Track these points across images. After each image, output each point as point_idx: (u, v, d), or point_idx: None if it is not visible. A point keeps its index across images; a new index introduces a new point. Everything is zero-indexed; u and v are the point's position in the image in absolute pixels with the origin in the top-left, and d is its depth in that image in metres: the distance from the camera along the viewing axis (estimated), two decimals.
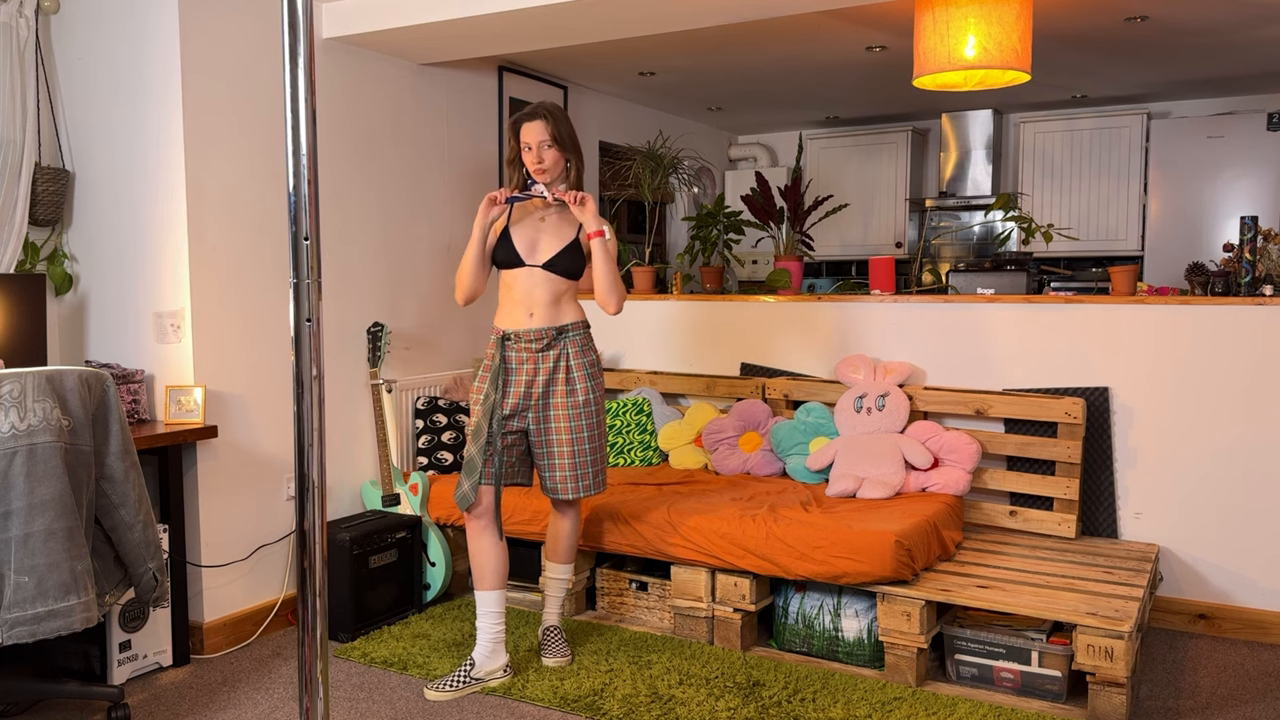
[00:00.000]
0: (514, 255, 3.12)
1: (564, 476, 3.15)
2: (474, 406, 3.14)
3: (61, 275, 3.53)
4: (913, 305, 4.08)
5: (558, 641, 3.32)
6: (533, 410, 3.13)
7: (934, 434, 3.82)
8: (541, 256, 3.12)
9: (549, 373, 3.11)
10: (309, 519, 1.96)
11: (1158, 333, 3.65)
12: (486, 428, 3.08)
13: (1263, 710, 2.97)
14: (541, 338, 3.10)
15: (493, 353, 3.14)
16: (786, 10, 3.48)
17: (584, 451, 3.15)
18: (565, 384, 3.12)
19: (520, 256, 3.12)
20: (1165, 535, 3.68)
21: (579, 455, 3.14)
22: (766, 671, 3.21)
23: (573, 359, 3.13)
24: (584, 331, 3.19)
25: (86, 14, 3.49)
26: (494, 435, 3.08)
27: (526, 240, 3.13)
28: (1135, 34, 4.42)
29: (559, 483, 3.16)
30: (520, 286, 3.13)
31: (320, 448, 1.96)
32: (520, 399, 3.12)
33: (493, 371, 3.12)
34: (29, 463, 2.39)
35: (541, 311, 3.11)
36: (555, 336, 3.12)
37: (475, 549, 3.14)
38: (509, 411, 3.11)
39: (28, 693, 2.83)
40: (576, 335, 3.15)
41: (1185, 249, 5.76)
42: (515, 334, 3.12)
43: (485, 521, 3.12)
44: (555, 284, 3.12)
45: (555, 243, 3.13)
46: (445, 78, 4.48)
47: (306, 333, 1.92)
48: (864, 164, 6.66)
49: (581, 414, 3.13)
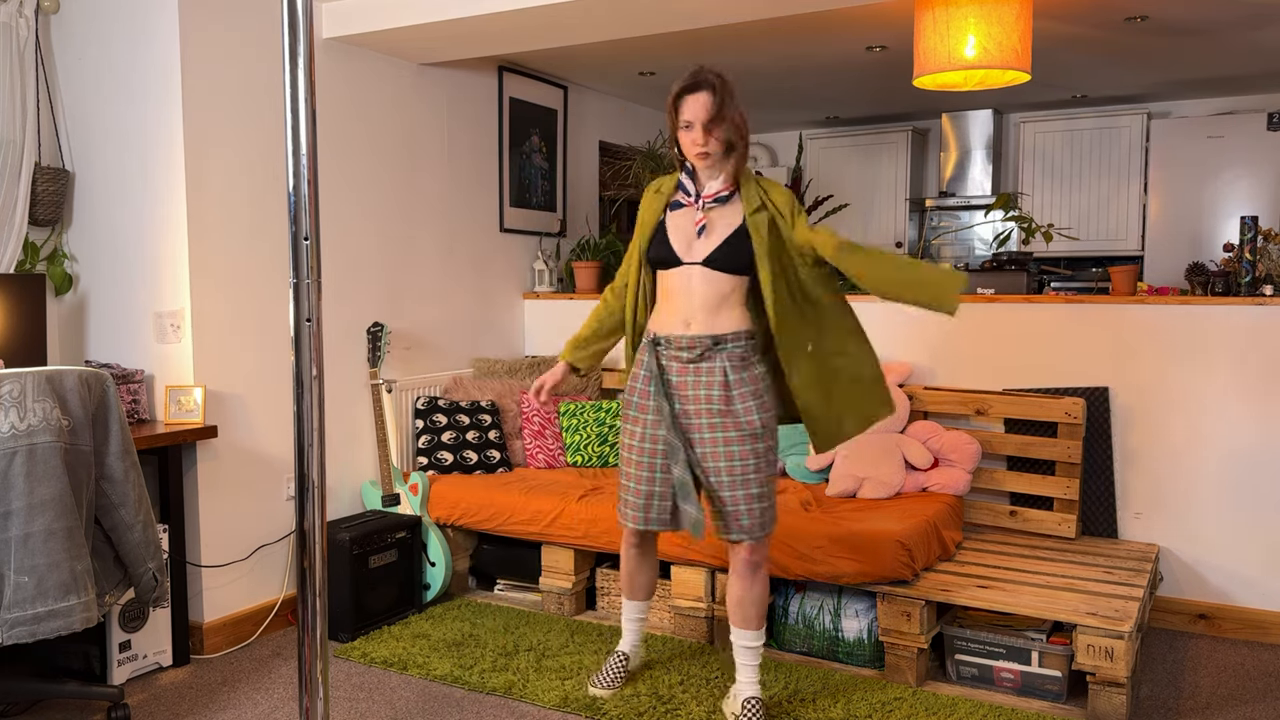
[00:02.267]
0: (670, 253, 2.71)
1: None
2: (627, 425, 2.80)
3: (61, 275, 3.53)
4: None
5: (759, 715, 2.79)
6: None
7: (934, 434, 3.82)
8: (701, 252, 2.68)
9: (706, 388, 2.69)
10: (309, 519, 1.97)
11: (1158, 333, 3.65)
12: (677, 441, 2.68)
13: (1263, 710, 2.97)
14: (695, 346, 2.68)
15: (645, 359, 2.76)
16: (786, 10, 3.48)
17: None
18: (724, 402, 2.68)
19: (678, 254, 2.71)
20: (1165, 535, 3.68)
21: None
22: (766, 671, 3.21)
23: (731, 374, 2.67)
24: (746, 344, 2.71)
25: (86, 14, 3.49)
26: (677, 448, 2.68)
27: (683, 234, 2.71)
28: (1135, 34, 4.42)
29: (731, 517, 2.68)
30: (675, 291, 2.71)
31: (320, 448, 1.97)
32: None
33: (654, 381, 2.73)
34: (29, 463, 2.39)
35: (701, 318, 2.67)
36: (712, 346, 2.68)
37: (633, 567, 2.99)
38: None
39: (28, 693, 2.83)
40: (738, 347, 2.69)
41: (1185, 249, 5.76)
42: (667, 339, 2.72)
43: (650, 546, 2.98)
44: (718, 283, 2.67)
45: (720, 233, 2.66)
46: (445, 78, 4.48)
47: (306, 333, 1.93)
48: (864, 164, 6.66)
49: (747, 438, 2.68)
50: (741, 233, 2.65)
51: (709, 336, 2.66)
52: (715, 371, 2.67)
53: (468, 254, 4.64)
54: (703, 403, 2.68)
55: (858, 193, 6.66)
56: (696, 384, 2.68)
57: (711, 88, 2.58)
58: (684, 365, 2.69)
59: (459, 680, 3.16)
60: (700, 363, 2.67)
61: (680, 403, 2.71)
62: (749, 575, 2.74)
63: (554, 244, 5.23)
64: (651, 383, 2.74)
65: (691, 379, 2.69)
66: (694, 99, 2.59)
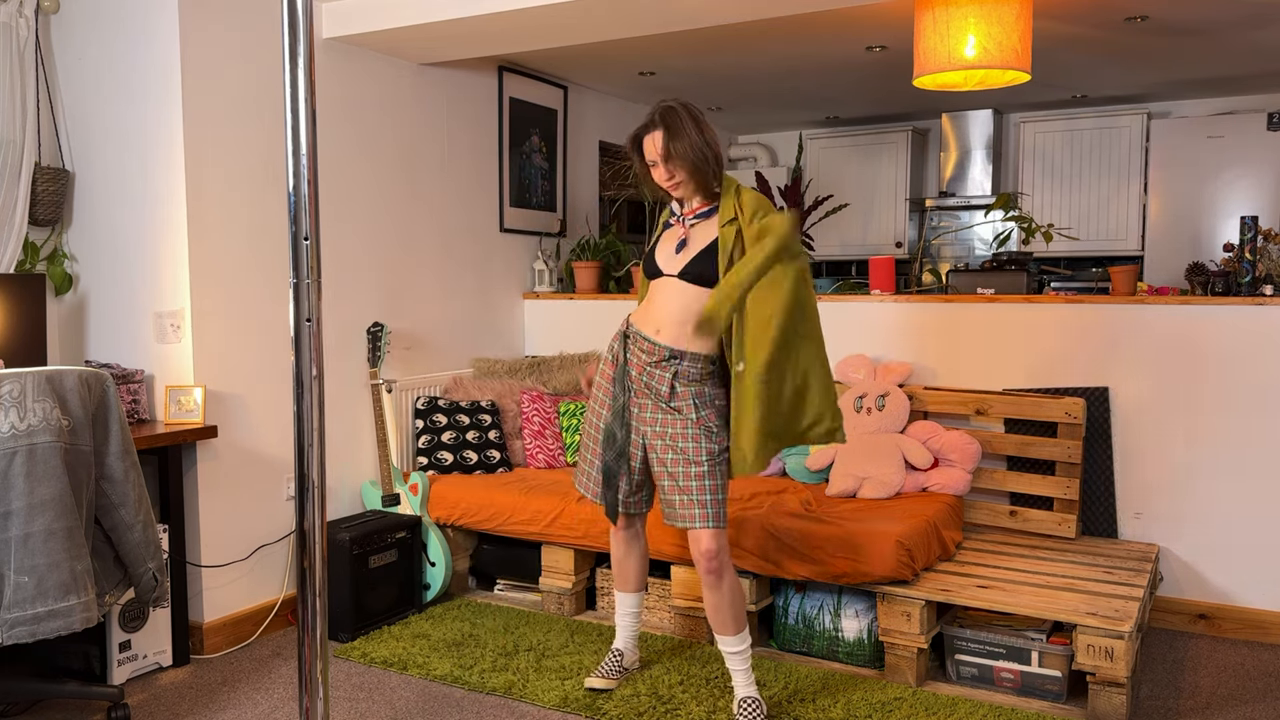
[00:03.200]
0: (654, 265, 2.84)
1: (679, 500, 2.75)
2: (594, 405, 2.94)
3: (61, 275, 3.53)
4: (913, 305, 4.08)
5: (756, 715, 2.81)
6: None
7: (934, 434, 3.82)
8: (677, 265, 2.78)
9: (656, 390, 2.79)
10: (309, 519, 1.97)
11: (1158, 333, 3.65)
12: (617, 431, 2.84)
13: (1263, 710, 2.97)
14: (655, 353, 2.78)
15: (615, 346, 2.90)
16: (786, 10, 3.48)
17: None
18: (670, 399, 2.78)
19: (659, 266, 2.82)
20: (1165, 535, 3.68)
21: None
22: (766, 671, 3.21)
23: (679, 385, 2.76)
24: (702, 366, 2.78)
25: (86, 14, 3.49)
26: (615, 437, 2.84)
27: (668, 249, 2.83)
28: (1135, 34, 4.42)
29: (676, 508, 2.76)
30: (656, 297, 2.82)
31: (320, 448, 1.97)
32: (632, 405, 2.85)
33: (618, 368, 2.86)
34: (29, 463, 2.39)
35: (669, 329, 2.77)
36: (668, 358, 2.77)
37: (622, 553, 3.08)
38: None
39: (28, 693, 2.83)
40: (694, 367, 2.77)
41: (1185, 249, 5.76)
42: (638, 334, 2.83)
43: (632, 533, 3.07)
44: (689, 295, 2.75)
45: (695, 247, 2.76)
46: (445, 78, 4.48)
47: (306, 333, 1.93)
48: (864, 164, 6.66)
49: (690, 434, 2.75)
50: (713, 247, 2.73)
51: (669, 349, 2.77)
52: (665, 381, 2.78)
53: (468, 254, 4.64)
54: (653, 397, 2.81)
55: (858, 193, 6.66)
56: (650, 383, 2.81)
57: (664, 126, 2.69)
58: (642, 364, 2.82)
59: (459, 680, 3.16)
60: (654, 369, 2.79)
61: (636, 395, 2.85)
62: (714, 583, 2.76)
63: (554, 244, 5.23)
64: (616, 369, 2.88)
65: (646, 378, 2.82)
66: (650, 139, 2.74)
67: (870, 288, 4.34)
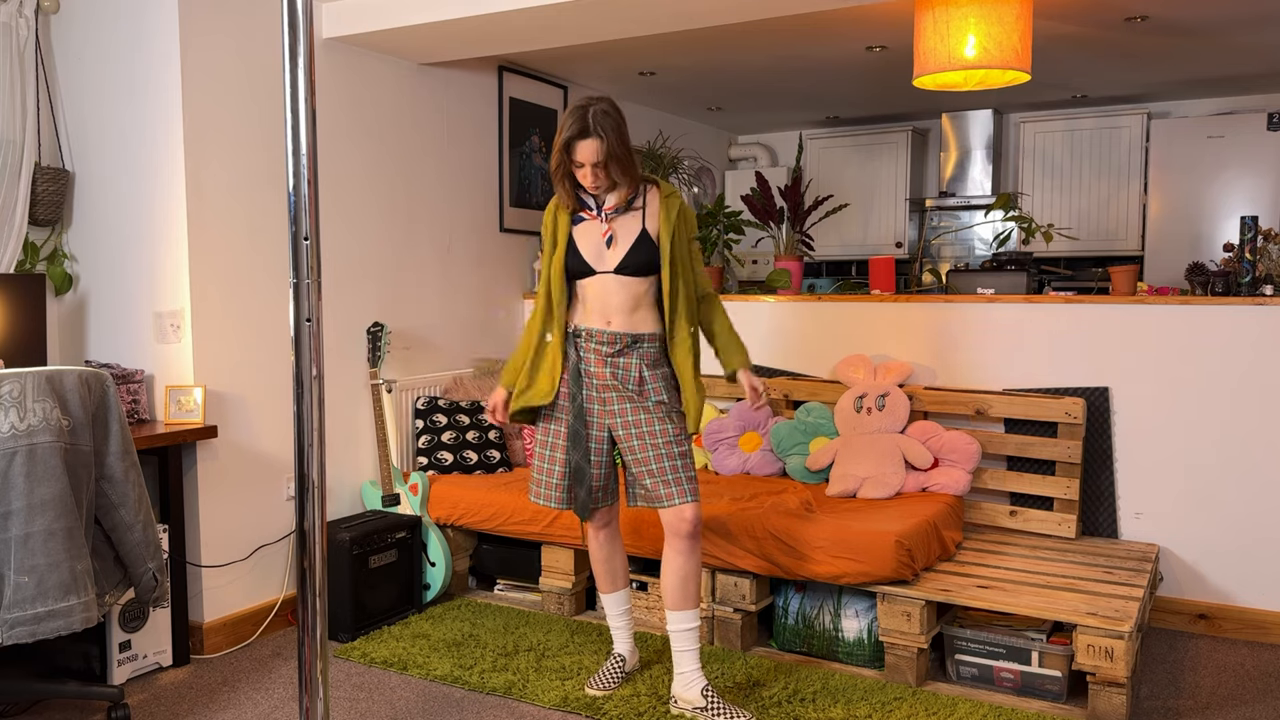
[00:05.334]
0: (583, 263, 2.87)
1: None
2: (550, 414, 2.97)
3: (61, 275, 3.53)
4: (913, 305, 4.08)
5: (716, 704, 2.87)
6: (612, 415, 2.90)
7: (934, 434, 3.82)
8: (611, 261, 2.85)
9: (624, 378, 2.87)
10: (309, 519, 1.97)
11: (1158, 333, 3.65)
12: (580, 429, 2.90)
13: (1263, 710, 2.97)
14: (615, 342, 2.85)
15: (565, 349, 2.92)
16: (786, 10, 3.48)
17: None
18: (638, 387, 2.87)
19: (589, 264, 2.86)
20: (1165, 535, 3.68)
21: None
22: (766, 672, 3.21)
23: (645, 370, 2.86)
24: (659, 345, 2.90)
25: (86, 14, 3.49)
26: (580, 435, 2.91)
27: (593, 245, 2.87)
28: (1135, 34, 4.42)
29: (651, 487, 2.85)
30: (591, 294, 2.88)
31: (320, 448, 1.96)
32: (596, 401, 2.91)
33: (570, 371, 2.90)
34: (29, 463, 2.38)
35: (620, 318, 2.86)
36: (630, 344, 2.86)
37: (604, 554, 3.10)
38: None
39: (28, 693, 2.83)
40: (652, 348, 2.89)
41: (1185, 249, 5.76)
42: (588, 332, 2.87)
43: (610, 530, 3.09)
44: (630, 285, 2.85)
45: (624, 241, 2.85)
46: (445, 78, 4.48)
47: (306, 333, 1.92)
48: (864, 164, 6.66)
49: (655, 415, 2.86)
50: (644, 238, 2.85)
51: (629, 334, 2.86)
52: (631, 368, 2.87)
53: (467, 254, 4.64)
54: (620, 388, 2.86)
55: (857, 193, 6.66)
56: (614, 374, 2.87)
57: (599, 135, 2.73)
58: (602, 358, 2.87)
59: (459, 680, 3.16)
60: (618, 358, 2.86)
61: (599, 390, 2.88)
62: (691, 548, 2.87)
63: None
64: (569, 371, 2.91)
65: (609, 370, 2.87)
66: (583, 145, 2.75)
67: (870, 288, 4.34)
